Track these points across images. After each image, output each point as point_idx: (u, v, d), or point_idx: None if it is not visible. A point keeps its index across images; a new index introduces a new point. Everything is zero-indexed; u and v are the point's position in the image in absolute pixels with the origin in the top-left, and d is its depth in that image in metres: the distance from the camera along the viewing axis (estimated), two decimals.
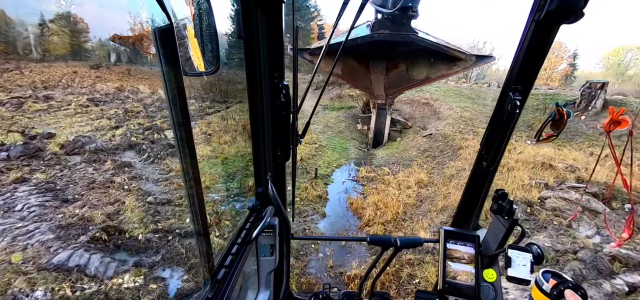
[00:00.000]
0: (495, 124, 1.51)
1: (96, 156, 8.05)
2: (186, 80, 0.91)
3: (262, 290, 1.83)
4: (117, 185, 6.73)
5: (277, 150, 1.64)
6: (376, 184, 9.27)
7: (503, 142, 1.52)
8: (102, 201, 6.01)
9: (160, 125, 11.74)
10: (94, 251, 4.49)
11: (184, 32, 1.11)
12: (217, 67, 1.27)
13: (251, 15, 1.28)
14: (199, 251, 1.15)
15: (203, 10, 1.19)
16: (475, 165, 1.72)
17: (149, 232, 5.22)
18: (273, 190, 1.60)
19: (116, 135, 10.00)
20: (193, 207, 1.05)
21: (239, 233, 1.51)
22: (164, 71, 0.81)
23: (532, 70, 1.34)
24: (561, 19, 1.15)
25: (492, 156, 1.57)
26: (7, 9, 10.22)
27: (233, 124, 10.80)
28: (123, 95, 16.91)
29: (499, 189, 1.63)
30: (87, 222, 5.18)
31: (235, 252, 1.40)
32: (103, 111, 13.06)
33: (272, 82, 1.44)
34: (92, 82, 18.88)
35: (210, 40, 1.22)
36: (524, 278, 1.43)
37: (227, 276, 1.27)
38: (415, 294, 1.87)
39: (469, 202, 1.82)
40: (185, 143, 0.92)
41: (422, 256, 5.47)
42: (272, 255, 1.75)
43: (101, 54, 25.76)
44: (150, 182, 7.28)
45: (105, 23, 22.59)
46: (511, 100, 1.36)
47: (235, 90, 14.39)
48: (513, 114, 1.39)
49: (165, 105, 6.11)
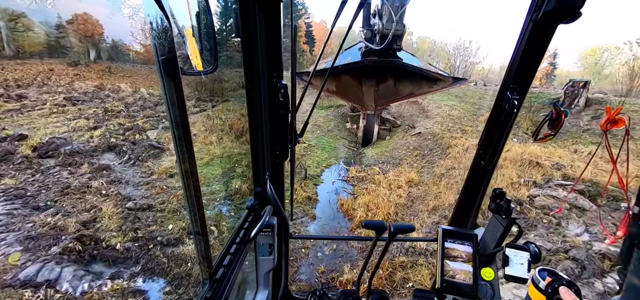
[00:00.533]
0: (493, 123, 1.53)
1: (72, 159, 7.59)
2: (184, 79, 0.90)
3: (260, 290, 1.84)
4: (95, 190, 6.33)
5: (275, 150, 1.63)
6: (366, 184, 9.16)
7: (501, 141, 1.54)
8: (77, 208, 5.63)
9: (142, 125, 11.26)
10: (67, 263, 4.16)
11: (182, 31, 1.12)
12: (216, 66, 1.27)
13: (249, 15, 1.27)
14: (197, 251, 1.15)
15: (201, 9, 1.19)
16: (473, 165, 1.73)
17: (129, 240, 4.91)
18: (271, 190, 1.60)
19: (94, 136, 9.51)
20: (191, 207, 1.04)
21: (238, 232, 1.52)
22: (161, 70, 0.80)
23: (529, 70, 1.37)
24: (558, 19, 1.17)
25: (490, 155, 1.59)
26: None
27: (231, 122, 10.52)
28: (103, 94, 16.21)
29: (497, 188, 1.65)
30: (60, 231, 4.81)
31: (234, 251, 1.40)
32: (81, 111, 12.44)
33: (271, 82, 1.43)
34: (69, 80, 18.03)
35: (208, 40, 1.22)
36: (522, 277, 1.43)
37: (225, 276, 1.27)
38: (414, 292, 1.86)
39: (467, 201, 1.84)
40: (183, 143, 0.92)
41: (415, 258, 5.37)
42: (271, 255, 1.76)
43: (80, 50, 24.70)
44: (131, 185, 6.91)
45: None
46: (509, 100, 1.38)
47: (232, 88, 14.19)
48: (511, 113, 1.42)
49: (148, 104, 5.78)
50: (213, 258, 1.23)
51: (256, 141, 1.60)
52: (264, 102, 1.47)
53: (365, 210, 7.23)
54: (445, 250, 1.70)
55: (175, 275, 4.40)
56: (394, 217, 7.13)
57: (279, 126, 1.55)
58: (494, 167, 1.63)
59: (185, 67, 1.14)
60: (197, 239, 1.12)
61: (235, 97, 11.97)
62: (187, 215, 5.80)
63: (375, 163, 11.24)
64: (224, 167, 8.27)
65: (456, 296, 1.67)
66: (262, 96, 1.46)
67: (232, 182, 7.34)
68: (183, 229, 5.45)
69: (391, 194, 8.26)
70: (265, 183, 1.65)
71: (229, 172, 8.04)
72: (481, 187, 1.74)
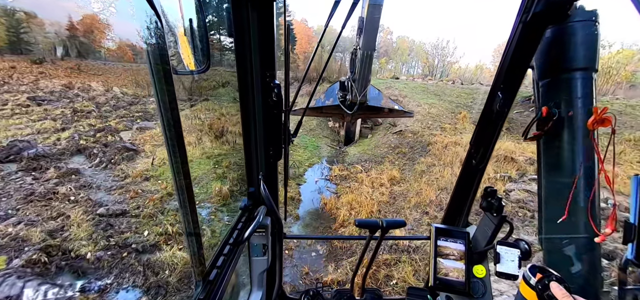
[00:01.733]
0: (484, 123, 1.54)
1: (36, 163, 7.07)
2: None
3: (254, 291, 1.83)
4: (62, 196, 5.93)
5: (269, 150, 1.63)
6: (349, 183, 9.18)
7: (492, 140, 1.57)
8: (43, 216, 5.24)
9: (115, 126, 10.71)
10: (30, 277, 3.85)
11: (173, 29, 1.10)
12: (208, 65, 1.26)
13: (242, 13, 1.26)
14: (190, 252, 1.14)
15: (193, 7, 1.18)
16: (464, 164, 1.75)
17: (100, 249, 4.63)
18: (265, 190, 1.60)
19: (62, 138, 8.92)
20: (184, 208, 1.03)
21: (231, 233, 1.50)
22: (153, 70, 0.79)
23: (519, 71, 1.38)
24: (548, 20, 1.20)
25: (481, 155, 1.61)
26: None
27: (224, 122, 10.25)
28: (72, 93, 15.29)
29: (488, 186, 1.65)
30: (23, 242, 4.46)
31: (227, 252, 1.39)
32: (47, 111, 11.67)
33: (264, 81, 1.42)
34: (34, 78, 16.87)
35: (201, 39, 1.21)
36: (512, 273, 1.45)
37: (219, 277, 1.26)
38: (407, 290, 1.87)
39: (459, 200, 1.85)
40: (175, 143, 0.91)
41: (398, 255, 5.42)
42: (265, 255, 1.75)
43: (46, 46, 23.17)
44: (103, 190, 6.53)
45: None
46: (500, 100, 1.41)
47: (225, 87, 13.93)
48: (501, 113, 1.44)
49: (121, 103, 5.46)
50: (206, 259, 1.21)
51: (249, 141, 1.59)
52: (257, 101, 1.47)
53: (348, 209, 7.23)
54: (438, 248, 1.73)
55: (152, 285, 4.19)
56: (376, 214, 7.18)
57: (273, 126, 1.54)
58: (485, 166, 1.66)
59: (177, 66, 1.12)
60: (190, 240, 1.10)
61: (227, 96, 11.81)
62: (164, 220, 5.55)
63: (358, 161, 11.29)
64: (216, 167, 8.01)
65: (449, 293, 1.70)
66: (256, 96, 1.45)
67: (225, 183, 7.12)
68: (160, 234, 5.21)
69: (374, 191, 8.32)
70: (258, 183, 1.64)
71: (222, 172, 7.80)
72: (473, 186, 1.77)
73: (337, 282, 4.90)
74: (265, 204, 1.62)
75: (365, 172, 9.95)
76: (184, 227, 1.09)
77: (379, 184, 8.85)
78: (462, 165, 1.78)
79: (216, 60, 15.73)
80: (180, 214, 1.08)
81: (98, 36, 20.63)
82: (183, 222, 1.07)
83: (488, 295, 1.65)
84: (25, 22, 20.56)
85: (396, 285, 4.80)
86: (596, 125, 1.38)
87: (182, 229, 1.21)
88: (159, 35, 0.78)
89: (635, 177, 1.14)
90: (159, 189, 6.77)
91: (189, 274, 4.53)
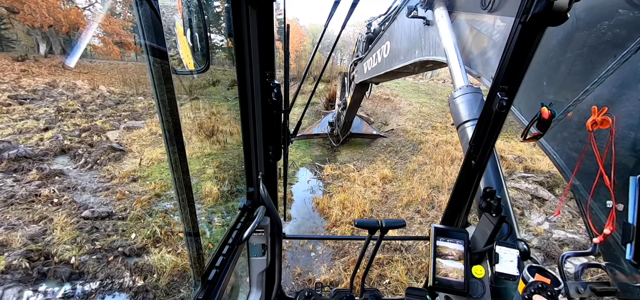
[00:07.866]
0: (483, 123, 1.54)
1: (18, 164, 6.82)
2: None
3: (253, 291, 1.84)
4: (45, 198, 5.72)
5: (268, 150, 1.63)
6: (342, 182, 9.15)
7: (491, 141, 1.57)
8: (24, 219, 5.04)
9: (101, 126, 10.43)
10: (10, 284, 3.69)
11: (173, 29, 1.11)
12: (207, 65, 1.26)
13: (241, 13, 1.25)
14: (189, 252, 1.14)
15: (192, 7, 1.17)
16: (464, 164, 1.74)
17: (85, 253, 4.48)
18: (264, 190, 1.59)
19: (45, 138, 8.63)
20: (183, 208, 1.03)
21: (230, 233, 1.51)
22: (152, 70, 0.79)
23: (518, 71, 1.37)
24: (547, 21, 1.20)
25: (480, 155, 1.61)
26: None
27: (224, 122, 10.13)
28: (56, 91, 14.84)
29: (487, 187, 1.65)
30: (2, 247, 4.28)
31: (227, 252, 1.39)
32: (29, 110, 11.29)
33: (263, 81, 1.42)
34: (16, 76, 16.30)
35: (200, 38, 1.21)
36: (512, 274, 1.44)
37: (218, 277, 1.27)
38: (406, 290, 1.88)
39: (458, 200, 1.86)
40: (175, 143, 0.91)
41: (391, 254, 5.42)
42: (264, 255, 1.76)
43: (29, 43, 22.39)
44: (88, 192, 6.33)
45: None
46: (499, 101, 1.39)
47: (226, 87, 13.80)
48: (501, 114, 1.43)
49: (108, 102, 5.32)
50: (205, 259, 1.21)
51: (249, 141, 1.59)
52: (256, 101, 1.46)
53: (341, 209, 7.20)
54: (437, 248, 1.73)
55: (140, 289, 4.07)
56: (369, 214, 7.17)
57: (272, 126, 1.54)
58: (484, 166, 1.65)
59: (176, 66, 1.12)
60: (189, 240, 1.10)
61: (226, 95, 11.78)
62: (152, 222, 5.42)
63: (350, 160, 11.28)
64: (215, 167, 7.87)
65: (448, 294, 1.70)
66: (255, 96, 1.45)
67: (224, 183, 7.01)
68: (148, 237, 5.08)
69: (366, 191, 8.32)
70: (258, 183, 1.64)
71: (221, 172, 7.66)
72: (472, 186, 1.77)
73: (329, 281, 4.87)
74: (265, 204, 1.62)
75: (357, 171, 9.94)
76: (184, 227, 1.09)
77: (371, 183, 8.85)
78: (461, 165, 1.78)
79: (216, 61, 15.50)
80: (179, 213, 1.06)
81: (82, 32, 20.06)
82: (182, 221, 1.08)
83: (487, 295, 1.65)
84: (6, 18, 19.82)
85: (389, 284, 4.79)
86: (594, 126, 1.37)
87: (182, 228, 1.23)
88: (158, 35, 0.77)
89: (634, 178, 1.14)
90: (147, 189, 6.61)
91: (181, 276, 4.43)
